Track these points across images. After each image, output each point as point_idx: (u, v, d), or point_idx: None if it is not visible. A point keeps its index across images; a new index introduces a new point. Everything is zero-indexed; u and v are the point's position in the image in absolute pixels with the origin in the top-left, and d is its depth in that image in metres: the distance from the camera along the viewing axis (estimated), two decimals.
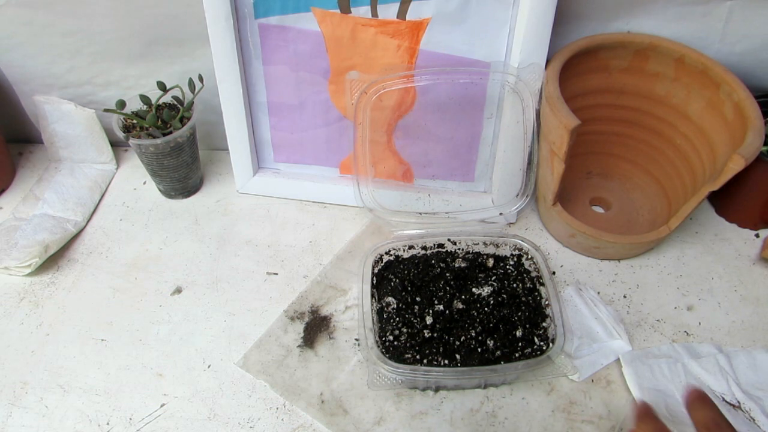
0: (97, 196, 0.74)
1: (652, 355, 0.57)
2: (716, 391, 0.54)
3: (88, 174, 0.76)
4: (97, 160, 0.77)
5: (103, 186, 0.76)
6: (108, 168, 0.78)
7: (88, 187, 0.74)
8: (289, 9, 0.62)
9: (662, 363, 0.56)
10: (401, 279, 0.61)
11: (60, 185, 0.74)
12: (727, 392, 0.54)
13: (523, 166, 0.66)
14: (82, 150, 0.76)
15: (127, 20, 0.66)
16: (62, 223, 0.69)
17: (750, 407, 0.53)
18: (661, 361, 0.56)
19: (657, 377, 0.55)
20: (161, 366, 0.58)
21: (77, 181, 0.75)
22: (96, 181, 0.75)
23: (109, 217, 0.73)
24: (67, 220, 0.70)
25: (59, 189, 0.73)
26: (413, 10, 0.60)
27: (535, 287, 0.60)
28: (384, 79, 0.62)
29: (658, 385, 0.55)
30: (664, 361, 0.56)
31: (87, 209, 0.72)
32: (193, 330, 0.61)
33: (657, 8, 0.63)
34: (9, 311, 0.63)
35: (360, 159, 0.65)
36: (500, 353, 0.55)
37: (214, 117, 0.73)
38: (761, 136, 0.57)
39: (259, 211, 0.74)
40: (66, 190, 0.73)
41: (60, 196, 0.73)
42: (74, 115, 0.73)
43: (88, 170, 0.76)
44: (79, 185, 0.74)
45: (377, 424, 0.54)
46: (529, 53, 0.60)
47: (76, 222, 0.70)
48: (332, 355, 0.59)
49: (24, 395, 0.56)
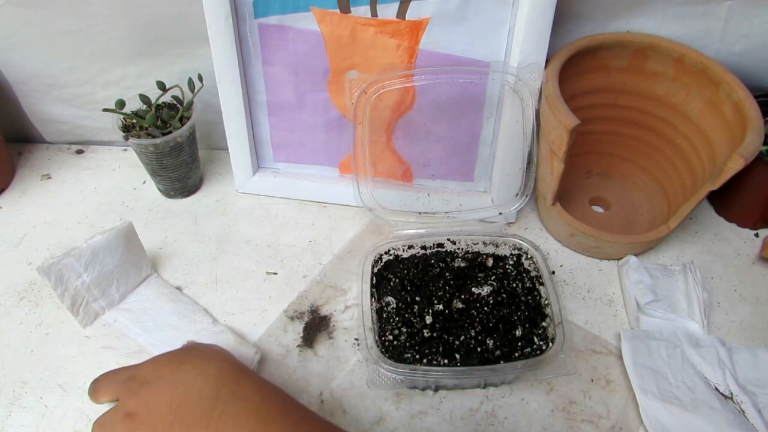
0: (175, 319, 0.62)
1: (653, 337, 0.58)
2: (711, 380, 0.55)
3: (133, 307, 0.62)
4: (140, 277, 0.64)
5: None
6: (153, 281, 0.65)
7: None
8: (288, 9, 0.62)
9: (661, 345, 0.57)
10: (401, 278, 0.61)
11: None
12: (721, 383, 0.54)
13: (522, 165, 0.66)
14: (122, 281, 0.62)
15: (127, 20, 0.66)
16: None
17: (742, 400, 0.53)
18: (661, 343, 0.57)
19: (653, 358, 0.56)
20: None
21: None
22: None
23: (108, 217, 0.73)
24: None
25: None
26: (413, 10, 0.60)
27: (535, 287, 0.60)
28: (383, 78, 0.62)
29: (653, 365, 0.55)
30: (664, 345, 0.57)
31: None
32: None
33: (656, 8, 0.63)
34: (8, 311, 0.63)
35: (359, 158, 0.65)
36: (500, 353, 0.55)
37: (213, 116, 0.72)
38: (761, 136, 0.57)
39: (258, 210, 0.74)
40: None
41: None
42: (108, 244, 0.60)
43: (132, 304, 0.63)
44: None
45: (377, 423, 0.54)
46: (528, 53, 0.60)
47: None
48: (332, 354, 0.59)
49: (23, 395, 0.56)
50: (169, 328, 0.60)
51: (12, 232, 0.72)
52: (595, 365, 0.58)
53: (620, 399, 0.55)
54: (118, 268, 0.61)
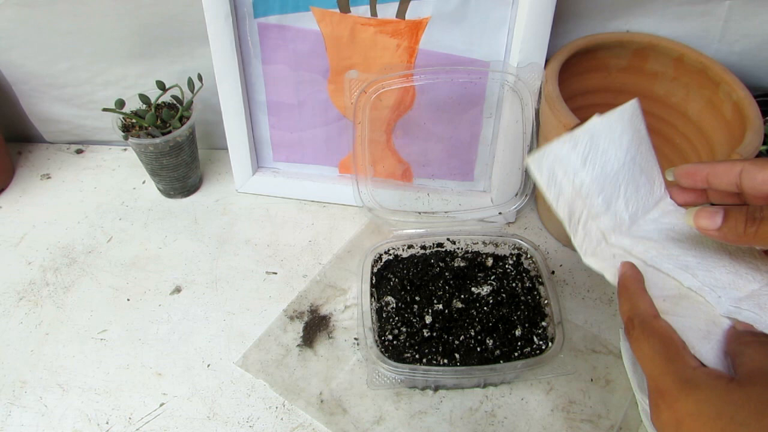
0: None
1: None
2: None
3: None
4: (653, 195, 0.45)
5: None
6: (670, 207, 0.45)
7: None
8: (288, 8, 0.62)
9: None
10: (400, 278, 0.61)
11: None
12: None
13: (522, 165, 0.66)
14: (631, 194, 0.44)
15: (127, 20, 0.66)
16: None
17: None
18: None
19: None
20: (160, 365, 0.58)
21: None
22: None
23: (108, 217, 0.73)
24: None
25: None
26: (412, 10, 0.60)
27: (535, 286, 0.60)
28: (383, 78, 0.62)
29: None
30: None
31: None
32: (192, 329, 0.61)
33: (656, 8, 0.63)
34: (8, 310, 0.63)
35: (359, 158, 0.65)
36: (499, 352, 0.55)
37: (213, 116, 0.73)
38: (760, 136, 0.57)
39: (258, 210, 0.74)
40: None
41: None
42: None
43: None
44: None
45: (376, 423, 0.54)
46: (528, 53, 0.60)
47: None
48: (331, 354, 0.59)
49: (23, 394, 0.56)
50: (721, 269, 0.40)
51: (12, 232, 0.72)
52: (594, 365, 0.58)
53: (620, 399, 0.55)
54: (624, 170, 0.42)
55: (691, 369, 0.33)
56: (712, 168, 0.38)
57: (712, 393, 0.32)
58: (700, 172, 0.39)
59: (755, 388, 0.31)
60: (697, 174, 0.39)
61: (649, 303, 0.37)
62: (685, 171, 0.40)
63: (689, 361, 0.34)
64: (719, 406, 0.31)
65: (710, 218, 0.36)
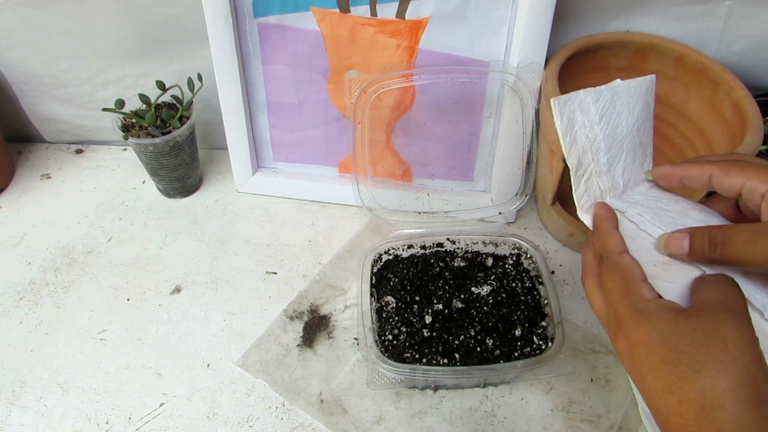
0: None
1: None
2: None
3: None
4: (644, 168, 0.48)
5: None
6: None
7: None
8: (288, 8, 0.62)
9: None
10: (400, 278, 0.61)
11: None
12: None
13: (522, 165, 0.66)
14: (629, 162, 0.46)
15: (126, 20, 0.66)
16: None
17: None
18: None
19: None
20: (160, 365, 0.58)
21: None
22: None
23: (108, 217, 0.73)
24: None
25: None
26: (412, 10, 0.60)
27: (534, 286, 0.60)
28: (383, 78, 0.62)
29: None
30: None
31: None
32: (192, 329, 0.61)
33: (656, 7, 0.63)
34: (8, 310, 0.63)
35: (359, 158, 0.65)
36: (499, 352, 0.55)
37: (213, 116, 0.73)
38: (760, 136, 0.57)
39: (258, 210, 0.74)
40: None
41: None
42: None
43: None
44: None
45: (376, 423, 0.54)
46: (528, 52, 0.60)
47: None
48: (331, 354, 0.59)
49: (23, 394, 0.56)
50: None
51: (12, 232, 0.72)
52: (594, 365, 0.58)
53: (620, 398, 0.55)
54: (629, 138, 0.45)
55: (646, 301, 0.36)
56: (686, 171, 0.41)
57: (660, 323, 0.34)
58: (675, 174, 0.42)
59: (700, 319, 0.33)
60: (672, 176, 0.43)
61: (617, 241, 0.39)
62: (661, 173, 0.43)
63: (645, 294, 0.36)
64: (664, 336, 0.33)
65: (678, 246, 0.38)
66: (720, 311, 0.33)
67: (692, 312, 0.34)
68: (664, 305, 0.35)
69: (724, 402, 0.30)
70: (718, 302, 0.34)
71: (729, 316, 0.33)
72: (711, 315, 0.33)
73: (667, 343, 0.33)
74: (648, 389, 0.34)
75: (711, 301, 0.34)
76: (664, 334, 0.34)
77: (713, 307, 0.34)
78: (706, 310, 0.34)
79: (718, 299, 0.34)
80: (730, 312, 0.33)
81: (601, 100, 0.42)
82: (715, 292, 0.35)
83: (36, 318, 0.62)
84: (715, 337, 0.32)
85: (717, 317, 0.33)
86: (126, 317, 0.62)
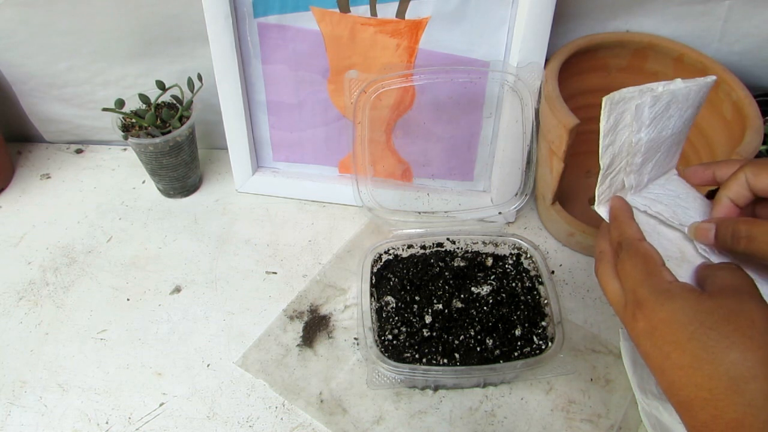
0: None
1: None
2: None
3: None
4: (668, 166, 0.47)
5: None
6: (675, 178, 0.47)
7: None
8: (288, 8, 0.62)
9: None
10: (400, 278, 0.61)
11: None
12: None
13: (522, 165, 0.66)
14: (660, 161, 0.46)
15: (126, 19, 0.66)
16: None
17: None
18: None
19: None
20: (160, 365, 0.58)
21: None
22: None
23: (107, 216, 0.73)
24: None
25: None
26: (412, 9, 0.60)
27: (534, 286, 0.60)
28: (383, 78, 0.62)
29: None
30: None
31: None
32: (192, 329, 0.61)
33: (656, 7, 0.63)
34: (8, 310, 0.63)
35: (359, 158, 0.65)
36: (499, 352, 0.55)
37: (213, 116, 0.72)
38: (760, 135, 0.57)
39: (258, 210, 0.74)
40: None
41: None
42: None
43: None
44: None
45: (376, 423, 0.54)
46: (528, 52, 0.60)
47: None
48: (331, 354, 0.59)
49: (23, 394, 0.56)
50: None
51: (11, 232, 0.72)
52: (594, 364, 0.58)
53: (620, 398, 0.55)
54: (669, 140, 0.43)
55: (668, 282, 0.37)
56: (718, 169, 0.43)
57: (685, 302, 0.35)
58: (707, 172, 0.44)
59: (725, 300, 0.34)
60: (704, 174, 0.44)
61: (636, 229, 0.40)
62: (693, 171, 0.45)
63: (666, 276, 0.37)
64: (691, 314, 0.34)
65: (705, 236, 0.40)
66: (740, 292, 0.35)
67: (714, 293, 0.35)
68: (685, 286, 0.36)
69: (756, 374, 0.32)
70: (736, 285, 0.35)
71: (749, 297, 0.34)
72: (732, 295, 0.35)
73: (695, 321, 0.34)
74: (672, 366, 0.35)
75: (729, 284, 0.36)
76: (690, 312, 0.34)
77: (733, 288, 0.35)
78: (727, 291, 0.35)
79: (734, 283, 0.36)
80: (749, 294, 0.35)
81: (657, 105, 0.40)
82: (729, 276, 0.36)
83: (36, 318, 0.62)
84: (740, 315, 0.33)
85: (739, 297, 0.34)
86: (126, 317, 0.62)
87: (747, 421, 0.31)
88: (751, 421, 0.31)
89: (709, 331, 0.33)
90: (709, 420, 0.33)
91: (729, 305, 0.34)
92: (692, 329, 0.34)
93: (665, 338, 0.35)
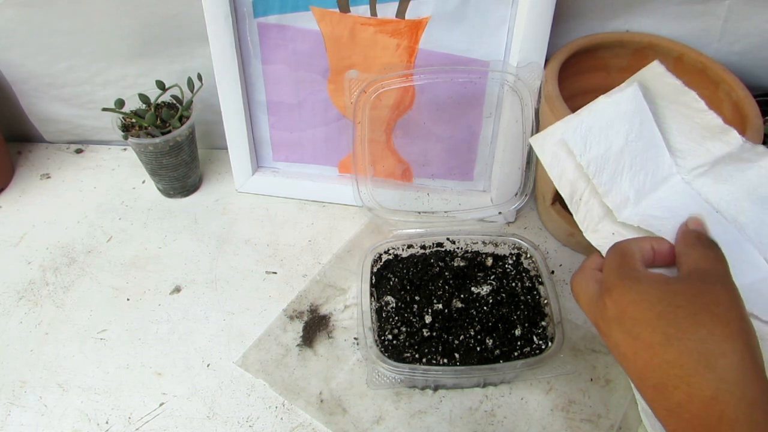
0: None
1: None
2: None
3: None
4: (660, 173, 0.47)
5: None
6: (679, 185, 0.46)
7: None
8: (288, 8, 0.62)
9: None
10: (400, 278, 0.61)
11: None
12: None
13: (522, 165, 0.66)
14: (636, 171, 0.46)
15: (126, 19, 0.66)
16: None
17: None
18: None
19: None
20: (160, 365, 0.58)
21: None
22: None
23: (107, 216, 0.73)
24: None
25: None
26: (412, 9, 0.60)
27: (534, 286, 0.60)
28: (383, 78, 0.62)
29: None
30: None
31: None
32: (192, 329, 0.61)
33: (656, 7, 0.63)
34: (8, 310, 0.63)
35: (359, 158, 0.65)
36: (499, 352, 0.55)
37: (213, 116, 0.73)
38: (760, 135, 0.57)
39: (258, 210, 0.74)
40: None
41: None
42: None
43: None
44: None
45: (376, 423, 0.54)
46: (528, 52, 0.60)
47: None
48: (331, 354, 0.59)
49: (23, 394, 0.56)
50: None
51: (11, 232, 0.72)
52: (594, 364, 0.58)
53: (620, 398, 0.55)
54: (628, 149, 0.44)
55: (637, 270, 0.38)
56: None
57: (652, 285, 0.37)
58: None
59: (691, 282, 0.36)
60: None
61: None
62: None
63: (638, 266, 0.39)
64: (659, 293, 0.36)
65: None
66: (708, 273, 0.37)
67: (681, 277, 0.38)
68: (654, 273, 0.38)
69: (724, 350, 0.33)
70: (704, 268, 0.37)
71: (716, 278, 0.36)
72: (700, 277, 0.37)
73: (663, 300, 0.35)
74: (643, 346, 0.36)
75: (697, 267, 0.38)
76: (659, 292, 0.36)
77: (700, 271, 0.37)
78: (694, 274, 0.37)
79: (703, 266, 0.37)
80: (717, 274, 0.37)
81: (581, 127, 0.42)
82: (700, 258, 0.38)
83: (36, 318, 0.62)
84: (706, 294, 0.35)
85: (706, 279, 0.36)
86: (126, 317, 0.62)
87: (722, 397, 0.32)
88: (725, 397, 0.32)
89: (677, 309, 0.35)
90: (684, 400, 0.33)
91: (696, 286, 0.36)
92: (660, 308, 0.35)
93: (635, 318, 0.36)
